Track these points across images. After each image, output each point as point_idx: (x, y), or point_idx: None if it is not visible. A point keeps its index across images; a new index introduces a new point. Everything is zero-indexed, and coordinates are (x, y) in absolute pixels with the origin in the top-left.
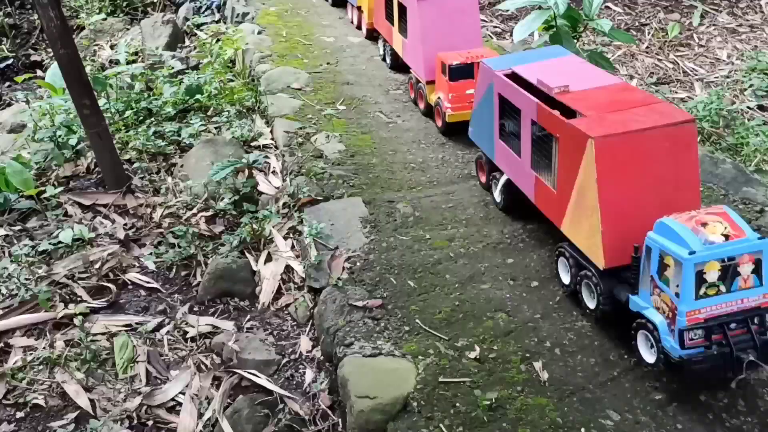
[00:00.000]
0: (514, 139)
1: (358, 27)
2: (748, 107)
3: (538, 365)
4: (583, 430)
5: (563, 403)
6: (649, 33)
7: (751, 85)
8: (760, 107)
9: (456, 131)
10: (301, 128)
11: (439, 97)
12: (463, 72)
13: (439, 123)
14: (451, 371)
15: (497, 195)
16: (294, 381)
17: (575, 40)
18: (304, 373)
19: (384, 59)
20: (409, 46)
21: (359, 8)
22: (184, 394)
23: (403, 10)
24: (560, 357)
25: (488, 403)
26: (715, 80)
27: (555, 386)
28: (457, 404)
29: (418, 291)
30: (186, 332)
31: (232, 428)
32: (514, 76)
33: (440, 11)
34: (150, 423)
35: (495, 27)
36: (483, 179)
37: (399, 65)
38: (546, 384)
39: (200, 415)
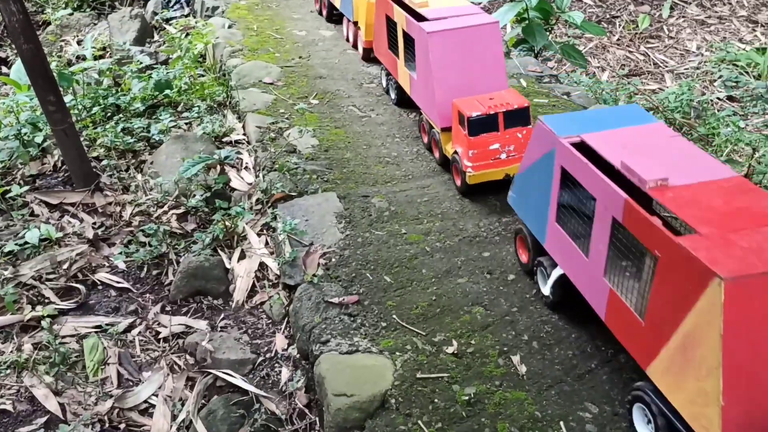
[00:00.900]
0: (580, 231)
1: (354, 46)
2: (718, 98)
3: (516, 359)
4: (562, 423)
5: (542, 397)
6: (619, 25)
7: (720, 76)
8: (730, 98)
9: (479, 191)
10: (273, 123)
11: (456, 152)
12: (485, 124)
13: (458, 182)
14: (429, 367)
15: (546, 289)
16: (270, 380)
17: (547, 33)
18: (280, 371)
19: (387, 92)
20: (418, 85)
21: (356, 24)
22: (157, 395)
23: (409, 41)
24: (538, 350)
25: (467, 398)
26: (685, 72)
27: (533, 380)
28: (436, 400)
29: (395, 286)
30: (158, 332)
31: (206, 429)
32: (583, 147)
33: (456, 46)
34: (122, 426)
35: None
36: (524, 258)
37: (406, 101)
38: (524, 377)
39: (174, 417)
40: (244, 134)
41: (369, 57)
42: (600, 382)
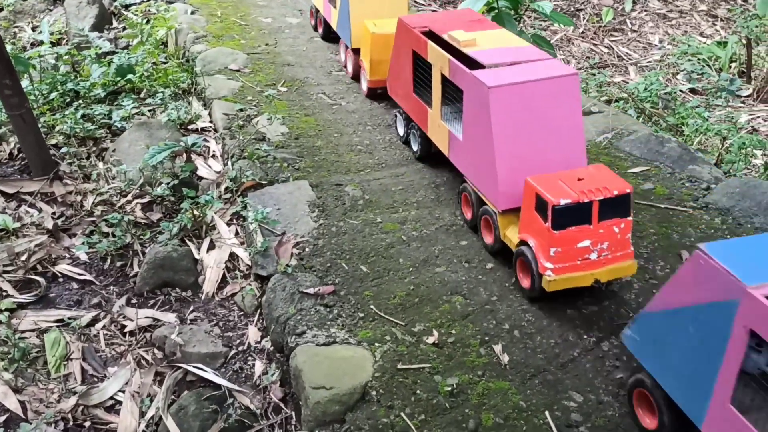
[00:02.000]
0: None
1: (354, 78)
2: (681, 90)
3: (497, 348)
4: (547, 413)
5: (525, 386)
6: (584, 18)
7: (683, 69)
8: (692, 90)
9: (553, 298)
10: (241, 110)
11: (526, 245)
12: (575, 215)
13: (525, 282)
14: (410, 357)
15: None
16: (243, 374)
17: (517, 23)
18: (254, 365)
19: (406, 143)
20: (465, 148)
21: (356, 52)
22: (123, 392)
23: (452, 89)
24: (519, 339)
25: (449, 388)
26: (648, 64)
27: (516, 369)
28: (418, 391)
29: (371, 276)
30: (124, 326)
31: (177, 426)
32: None
33: (525, 104)
34: (87, 424)
35: (434, 11)
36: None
37: (435, 156)
38: (507, 367)
39: (142, 414)
40: (211, 121)
41: (375, 94)
42: (583, 370)
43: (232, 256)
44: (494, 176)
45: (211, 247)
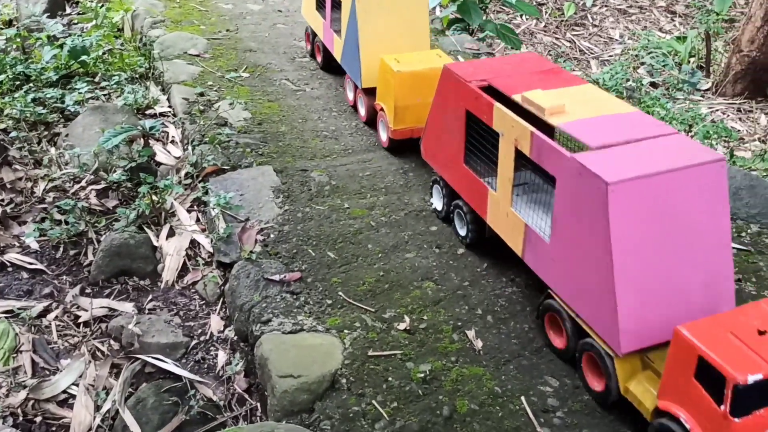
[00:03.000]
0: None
1: (367, 121)
2: (641, 84)
3: (471, 334)
4: (523, 398)
5: (500, 372)
6: (546, 12)
7: (642, 63)
8: (653, 84)
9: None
10: (201, 95)
11: (675, 420)
12: (764, 394)
13: None
14: (381, 344)
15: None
16: (205, 364)
17: (483, 12)
18: (217, 355)
19: (446, 219)
20: (557, 256)
21: (369, 93)
22: (77, 385)
23: (531, 169)
24: (493, 324)
25: (422, 375)
26: (609, 58)
27: (490, 354)
28: (390, 378)
29: (339, 262)
30: (78, 317)
31: (135, 420)
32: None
33: (657, 209)
34: (38, 419)
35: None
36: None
37: (487, 240)
38: (481, 353)
39: (98, 408)
40: (170, 106)
41: (399, 146)
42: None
43: (193, 243)
44: (612, 307)
45: (171, 234)
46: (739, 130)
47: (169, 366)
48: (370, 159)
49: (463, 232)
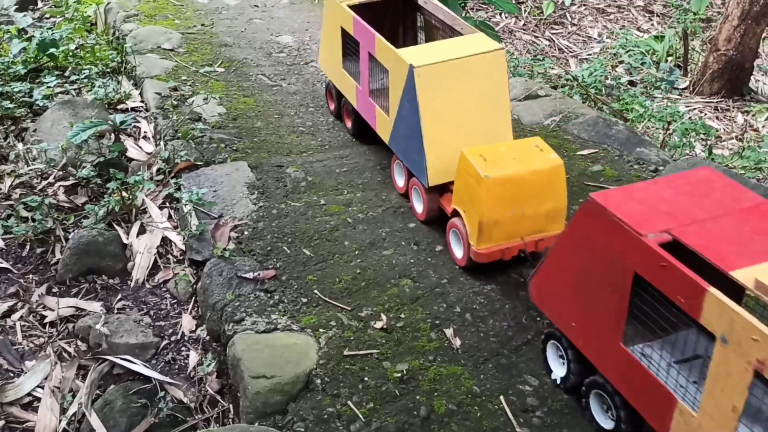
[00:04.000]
0: None
1: (428, 221)
2: (619, 83)
3: (449, 332)
4: (502, 398)
5: (479, 371)
6: (525, 11)
7: (621, 62)
8: (631, 83)
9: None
10: (174, 90)
11: None
12: None
13: None
14: (357, 343)
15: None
16: (176, 365)
17: (462, 9)
18: (188, 355)
19: (568, 387)
20: None
21: (433, 190)
22: (42, 387)
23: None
24: (471, 322)
25: (399, 375)
26: (588, 57)
27: (469, 353)
28: (366, 378)
29: (315, 260)
30: (44, 317)
31: (102, 423)
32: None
33: None
34: (1, 423)
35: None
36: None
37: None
38: (459, 351)
39: (63, 411)
40: (142, 101)
41: (476, 267)
42: (538, 353)
43: (165, 241)
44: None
45: (142, 231)
46: (716, 129)
47: (138, 367)
48: (347, 155)
49: (610, 426)
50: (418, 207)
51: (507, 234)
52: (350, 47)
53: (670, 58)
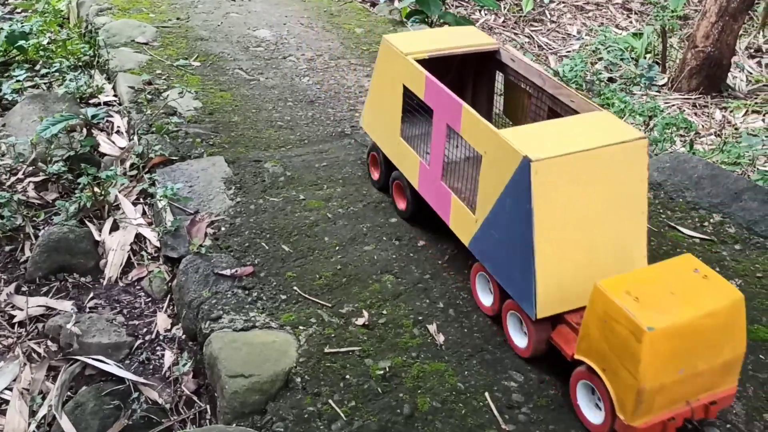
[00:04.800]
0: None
1: (530, 357)
2: (599, 79)
3: (432, 328)
4: (487, 394)
5: (463, 367)
6: (504, 7)
7: (600, 58)
8: (610, 80)
9: None
10: (148, 83)
11: None
12: None
13: None
14: (338, 340)
15: None
16: (151, 365)
17: (442, 3)
18: (163, 355)
19: None
20: None
21: (542, 322)
22: (11, 389)
23: None
24: (455, 318)
25: (381, 372)
26: (567, 54)
27: (452, 349)
28: (347, 376)
29: (294, 256)
30: (12, 316)
31: (73, 425)
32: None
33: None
34: None
35: None
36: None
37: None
38: (442, 347)
39: (33, 413)
40: (115, 95)
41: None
42: None
43: (139, 238)
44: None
45: (115, 228)
46: (698, 132)
47: (111, 367)
48: (327, 149)
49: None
50: (519, 340)
51: (671, 399)
52: (413, 109)
53: (648, 55)
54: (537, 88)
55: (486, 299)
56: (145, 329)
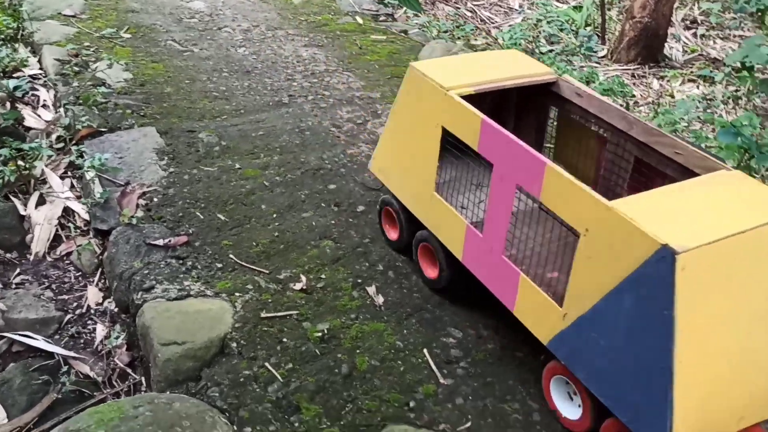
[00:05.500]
0: None
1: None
2: (541, 52)
3: (371, 290)
4: (425, 351)
5: (402, 326)
6: None
7: (541, 31)
8: (551, 51)
9: None
10: (75, 55)
11: None
12: None
13: None
14: (275, 305)
15: None
16: (82, 340)
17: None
18: (94, 329)
19: None
20: None
21: None
22: None
23: None
24: (395, 279)
25: (319, 334)
26: (509, 28)
27: (392, 310)
28: (284, 340)
29: (230, 224)
30: None
31: (0, 403)
32: None
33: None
34: None
35: None
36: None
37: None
38: (382, 308)
39: None
40: (41, 69)
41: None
42: (461, 307)
43: (67, 211)
44: None
45: (41, 202)
46: (633, 95)
47: (39, 343)
48: (264, 119)
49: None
50: None
51: None
52: (455, 156)
53: (588, 27)
54: (617, 132)
55: (569, 410)
56: (75, 304)
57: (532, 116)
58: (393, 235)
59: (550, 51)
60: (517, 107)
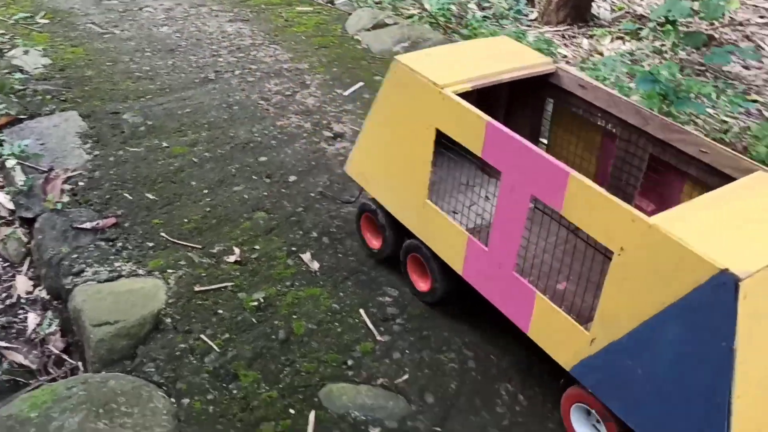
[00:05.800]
0: None
1: None
2: (468, 9)
3: (306, 257)
4: (362, 311)
5: (338, 290)
6: None
7: None
8: (484, 18)
9: None
10: None
11: None
12: None
13: None
14: (209, 279)
15: None
16: (14, 329)
17: None
18: (26, 318)
19: None
20: None
21: None
22: None
23: None
24: (329, 245)
25: (255, 303)
26: None
27: (327, 274)
28: (220, 311)
29: (160, 203)
30: None
31: None
32: None
33: None
34: None
35: None
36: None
37: None
38: (317, 274)
39: None
40: None
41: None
42: (397, 267)
43: None
44: None
45: None
46: (565, 55)
47: None
48: (190, 96)
49: None
50: None
51: None
52: (449, 160)
53: None
54: (628, 128)
55: None
56: (4, 294)
57: (526, 109)
58: (375, 243)
59: (484, 18)
60: (508, 99)
